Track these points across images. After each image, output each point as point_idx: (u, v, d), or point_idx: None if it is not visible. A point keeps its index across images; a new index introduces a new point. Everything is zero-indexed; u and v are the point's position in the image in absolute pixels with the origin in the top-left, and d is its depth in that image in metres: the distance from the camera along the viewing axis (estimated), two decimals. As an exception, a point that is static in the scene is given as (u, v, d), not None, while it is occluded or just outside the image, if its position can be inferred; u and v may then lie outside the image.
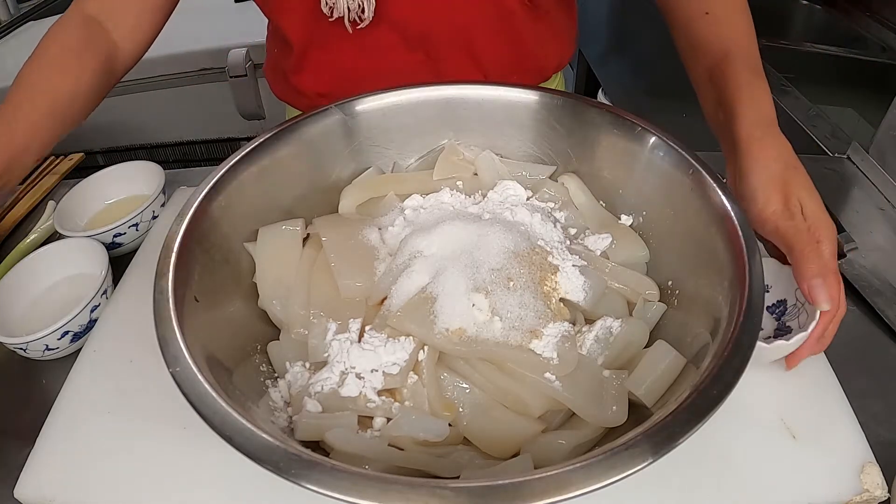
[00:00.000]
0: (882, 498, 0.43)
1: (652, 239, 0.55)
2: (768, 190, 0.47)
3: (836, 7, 1.23)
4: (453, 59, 0.69)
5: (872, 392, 0.51)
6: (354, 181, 0.60)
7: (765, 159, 0.48)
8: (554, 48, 0.75)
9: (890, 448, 0.47)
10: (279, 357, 0.48)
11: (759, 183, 0.47)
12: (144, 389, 0.50)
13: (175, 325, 0.40)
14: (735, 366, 0.37)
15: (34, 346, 0.55)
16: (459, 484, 0.33)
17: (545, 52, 0.74)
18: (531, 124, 0.60)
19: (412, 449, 0.42)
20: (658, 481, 0.43)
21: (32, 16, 1.67)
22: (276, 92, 0.79)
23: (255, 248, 0.52)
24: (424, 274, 0.48)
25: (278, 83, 0.77)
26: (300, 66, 0.71)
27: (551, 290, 0.47)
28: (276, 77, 0.77)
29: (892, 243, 0.67)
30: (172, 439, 0.47)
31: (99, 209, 0.72)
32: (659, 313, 0.50)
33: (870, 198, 0.73)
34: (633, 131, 0.54)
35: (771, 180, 0.47)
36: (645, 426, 0.35)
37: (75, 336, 0.57)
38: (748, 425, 0.47)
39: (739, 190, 0.50)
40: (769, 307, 0.53)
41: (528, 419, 0.44)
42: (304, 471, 0.33)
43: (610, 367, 0.46)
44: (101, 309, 0.58)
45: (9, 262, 0.67)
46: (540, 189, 0.58)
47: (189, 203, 0.48)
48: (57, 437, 0.48)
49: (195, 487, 0.44)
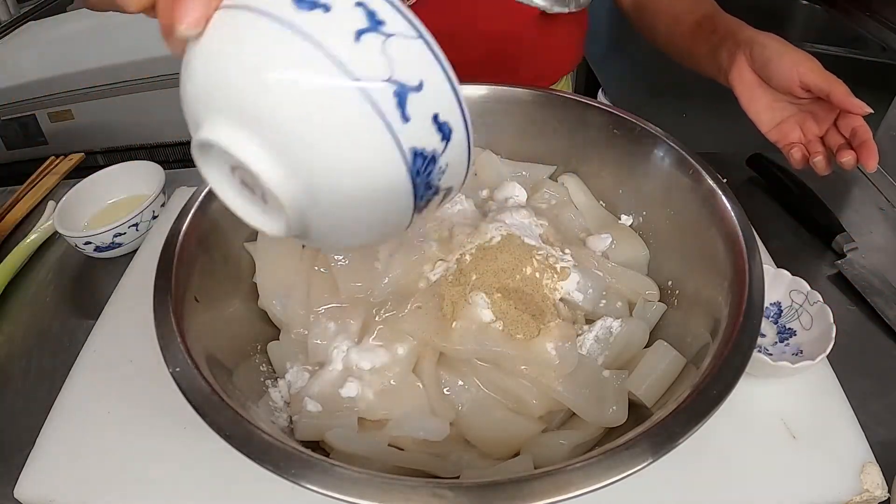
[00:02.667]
0: (882, 498, 0.43)
1: (652, 239, 0.55)
2: (798, 57, 0.56)
3: (836, 7, 1.23)
4: (469, 63, 0.69)
5: (872, 392, 0.51)
6: (354, 181, 0.60)
7: (781, 42, 0.58)
8: (563, 55, 0.76)
9: (890, 448, 0.47)
10: (279, 357, 0.48)
11: (792, 55, 0.57)
12: (144, 389, 0.50)
13: (175, 325, 0.40)
14: (735, 366, 0.37)
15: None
16: (459, 484, 0.33)
17: (554, 58, 0.75)
18: (531, 124, 0.60)
19: (412, 449, 0.42)
20: (658, 481, 0.43)
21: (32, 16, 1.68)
22: None
23: (255, 248, 0.52)
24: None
25: None
26: None
27: (551, 290, 0.47)
28: None
29: (892, 243, 0.67)
30: (172, 439, 0.47)
31: (99, 209, 0.72)
32: (659, 313, 0.50)
33: (870, 198, 0.73)
34: (633, 131, 0.54)
35: (796, 52, 0.57)
36: (645, 426, 0.35)
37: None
38: (748, 425, 0.47)
39: (769, 71, 0.58)
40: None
41: (528, 419, 0.44)
42: (304, 471, 0.33)
43: (610, 367, 0.46)
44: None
45: (9, 262, 0.67)
46: (540, 189, 0.58)
47: (189, 203, 0.48)
48: (57, 437, 0.48)
49: (195, 487, 0.44)
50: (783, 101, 0.60)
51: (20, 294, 0.66)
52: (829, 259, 0.64)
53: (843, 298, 0.60)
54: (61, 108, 1.47)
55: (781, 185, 0.71)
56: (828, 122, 0.59)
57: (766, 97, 0.60)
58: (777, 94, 0.59)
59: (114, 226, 0.65)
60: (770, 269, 0.54)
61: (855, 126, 0.56)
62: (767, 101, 0.60)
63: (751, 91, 0.60)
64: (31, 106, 1.48)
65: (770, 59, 0.57)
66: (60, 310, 0.64)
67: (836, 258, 0.64)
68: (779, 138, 0.60)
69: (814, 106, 0.59)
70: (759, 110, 0.60)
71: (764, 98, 0.60)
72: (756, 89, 0.60)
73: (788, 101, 0.60)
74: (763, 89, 0.60)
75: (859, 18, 1.17)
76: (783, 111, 0.60)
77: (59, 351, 0.58)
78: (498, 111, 0.60)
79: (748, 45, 0.59)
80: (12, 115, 1.49)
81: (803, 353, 0.51)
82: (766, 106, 0.60)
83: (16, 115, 1.49)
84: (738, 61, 0.60)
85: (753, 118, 0.61)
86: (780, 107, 0.60)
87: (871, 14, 1.16)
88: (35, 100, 1.47)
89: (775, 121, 0.60)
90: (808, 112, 0.60)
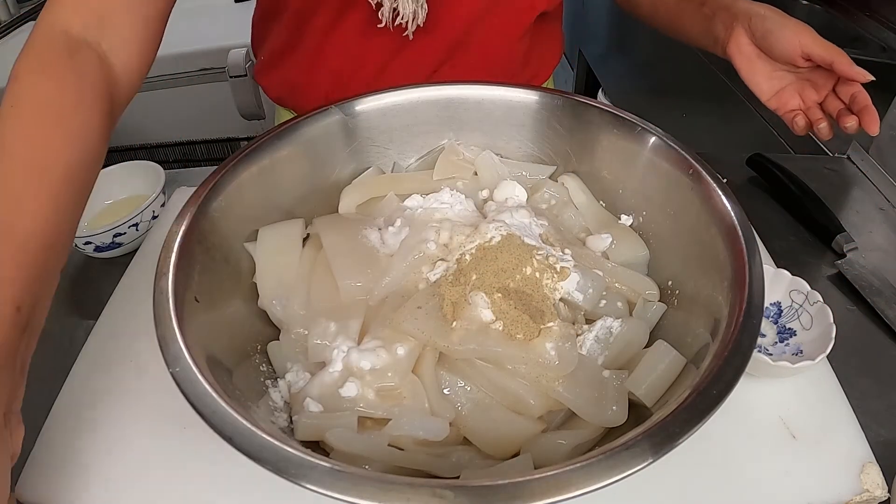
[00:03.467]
0: (882, 498, 0.43)
1: (652, 239, 0.55)
2: (799, 28, 0.57)
3: (836, 7, 1.22)
4: (463, 57, 0.70)
5: (872, 392, 0.51)
6: (354, 181, 0.60)
7: (780, 14, 0.59)
8: (547, 57, 0.77)
9: (890, 448, 0.47)
10: (279, 357, 0.48)
11: (793, 26, 0.58)
12: (144, 389, 0.50)
13: (175, 325, 0.40)
14: (735, 366, 0.37)
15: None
16: (459, 484, 0.33)
17: (542, 58, 0.76)
18: (531, 124, 0.60)
19: (412, 449, 0.42)
20: (658, 481, 0.43)
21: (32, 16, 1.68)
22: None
23: (255, 248, 0.52)
24: (424, 274, 0.48)
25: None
26: None
27: (551, 290, 0.47)
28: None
29: (892, 243, 0.67)
30: (172, 439, 0.47)
31: (99, 209, 0.72)
32: (659, 313, 0.50)
33: (870, 198, 0.73)
34: (633, 131, 0.54)
35: (796, 22, 0.58)
36: (645, 426, 0.35)
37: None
38: (748, 425, 0.47)
39: (769, 42, 0.58)
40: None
41: (528, 419, 0.44)
42: (304, 471, 0.33)
43: (610, 367, 0.46)
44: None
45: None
46: (540, 189, 0.58)
47: (189, 203, 0.48)
48: (57, 437, 0.48)
49: (195, 487, 0.44)
50: (781, 69, 0.61)
51: (20, 294, 0.66)
52: (829, 259, 0.64)
53: (843, 298, 0.60)
54: (61, 108, 1.47)
55: (781, 185, 0.71)
56: (826, 88, 0.60)
57: (766, 67, 0.61)
58: (776, 63, 0.60)
59: (114, 226, 0.65)
60: (770, 269, 0.54)
61: (854, 92, 0.57)
62: (767, 71, 0.61)
63: (750, 62, 0.61)
64: (30, 106, 1.48)
65: (770, 30, 0.58)
66: (60, 310, 0.63)
67: (836, 258, 0.64)
68: (778, 106, 0.61)
69: (812, 74, 0.60)
70: (759, 81, 0.61)
71: (764, 68, 0.61)
72: (755, 60, 0.61)
73: (787, 70, 0.61)
74: (762, 60, 0.61)
75: (859, 18, 1.17)
76: (782, 80, 0.61)
77: (59, 351, 0.58)
78: (498, 111, 0.60)
79: (746, 16, 0.60)
80: (12, 115, 1.49)
81: (803, 353, 0.51)
82: (765, 76, 0.61)
83: (16, 115, 1.49)
84: (736, 33, 0.61)
85: (753, 88, 0.62)
86: (778, 76, 0.61)
87: (871, 14, 1.15)
88: (35, 100, 1.47)
89: (774, 89, 0.61)
90: (806, 80, 0.61)
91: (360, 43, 0.66)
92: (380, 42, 0.65)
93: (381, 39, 0.64)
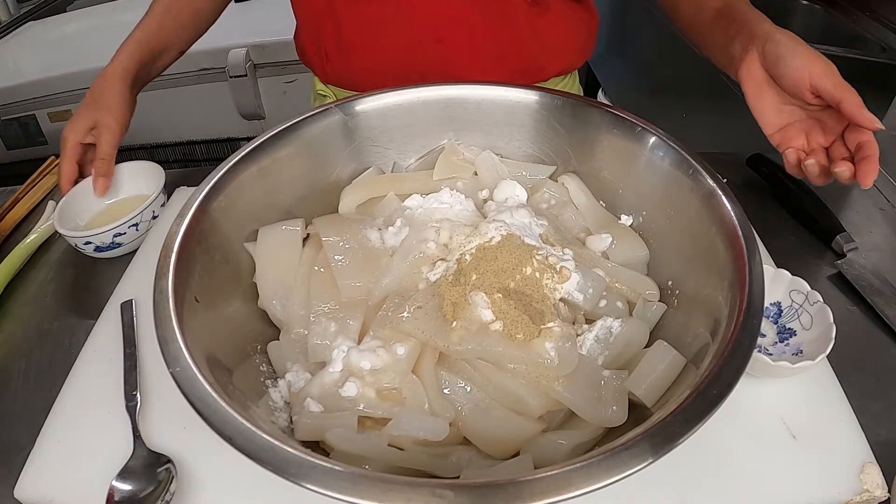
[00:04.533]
0: (882, 498, 0.43)
1: (652, 239, 0.55)
2: (812, 58, 0.54)
3: (836, 7, 1.22)
4: (451, 42, 0.70)
5: (872, 392, 0.51)
6: (354, 181, 0.60)
7: (796, 41, 0.55)
8: (558, 50, 0.75)
9: (890, 448, 0.47)
10: (279, 357, 0.48)
11: (806, 55, 0.54)
12: (144, 389, 0.50)
13: (175, 325, 0.40)
14: (735, 366, 0.37)
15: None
16: (459, 484, 0.33)
17: (545, 51, 0.74)
18: (531, 124, 0.60)
19: (412, 449, 0.42)
20: (658, 481, 0.43)
21: (32, 16, 1.68)
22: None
23: (255, 248, 0.52)
24: (424, 274, 0.48)
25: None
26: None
27: (551, 290, 0.47)
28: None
29: (892, 243, 0.67)
30: (172, 440, 0.47)
31: (99, 209, 0.72)
32: (659, 313, 0.50)
33: (870, 198, 0.73)
34: (633, 131, 0.54)
35: (811, 52, 0.54)
36: (645, 426, 0.35)
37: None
38: (748, 425, 0.47)
39: (780, 69, 0.55)
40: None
41: (528, 419, 0.44)
42: (304, 471, 0.33)
43: (610, 367, 0.46)
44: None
45: (9, 262, 0.67)
46: (540, 189, 0.58)
47: (189, 203, 0.48)
48: (57, 437, 0.48)
49: (195, 487, 0.44)
50: (792, 104, 0.56)
51: (20, 294, 0.66)
52: (829, 259, 0.64)
53: (843, 298, 0.60)
54: (61, 108, 1.47)
55: (781, 185, 0.71)
56: (835, 133, 0.54)
57: (774, 97, 0.56)
58: (786, 96, 0.56)
59: (114, 226, 0.65)
60: (770, 269, 0.54)
61: (862, 140, 0.51)
62: (775, 101, 0.56)
63: (759, 88, 0.56)
64: (31, 106, 1.48)
65: (781, 56, 0.54)
66: (60, 310, 0.64)
67: (836, 258, 0.64)
68: (781, 142, 0.56)
69: (823, 114, 0.55)
70: (765, 110, 0.57)
71: (772, 98, 0.56)
72: (764, 87, 0.56)
73: (797, 106, 0.56)
74: (772, 89, 0.56)
75: (859, 18, 1.17)
76: (790, 115, 0.56)
77: (59, 351, 0.58)
78: (498, 111, 0.60)
79: (763, 40, 0.56)
80: (12, 115, 1.49)
81: (803, 353, 0.51)
82: (772, 107, 0.56)
83: (16, 115, 1.49)
84: (750, 56, 0.56)
85: (758, 118, 0.57)
86: (787, 110, 0.56)
87: (871, 14, 1.15)
88: (35, 100, 1.47)
89: (780, 124, 0.56)
90: (815, 119, 0.56)
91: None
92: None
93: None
